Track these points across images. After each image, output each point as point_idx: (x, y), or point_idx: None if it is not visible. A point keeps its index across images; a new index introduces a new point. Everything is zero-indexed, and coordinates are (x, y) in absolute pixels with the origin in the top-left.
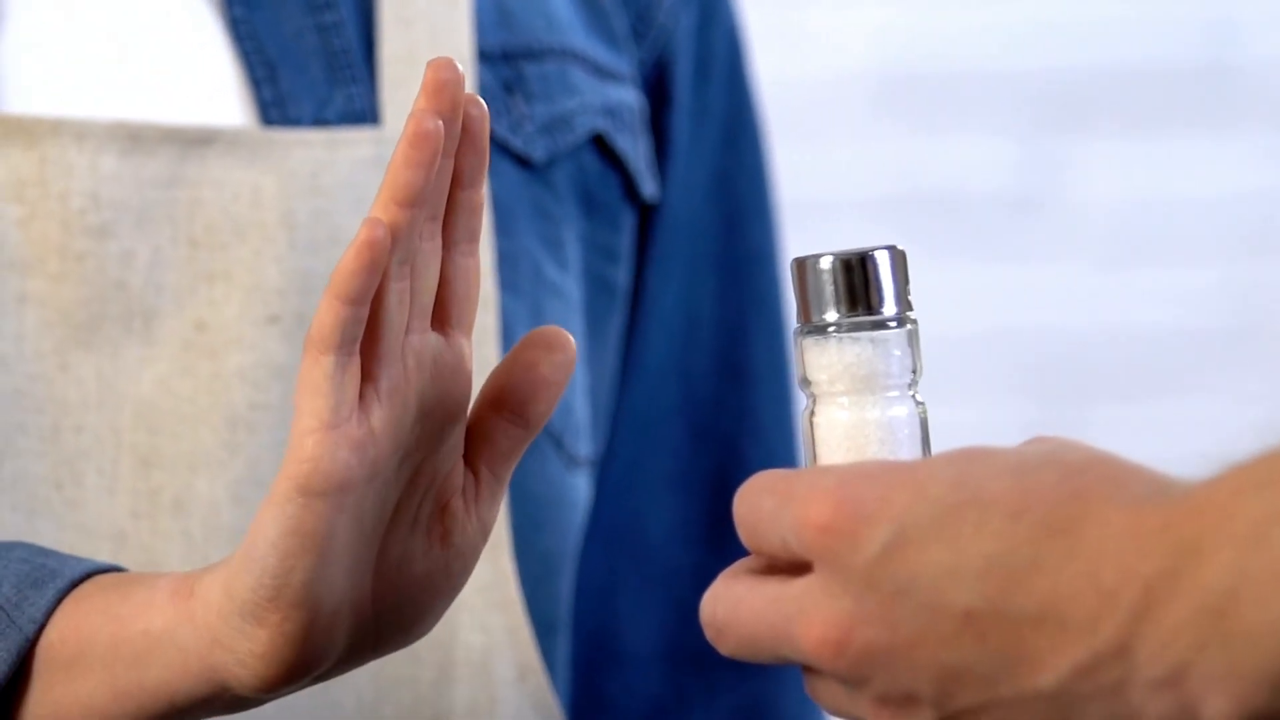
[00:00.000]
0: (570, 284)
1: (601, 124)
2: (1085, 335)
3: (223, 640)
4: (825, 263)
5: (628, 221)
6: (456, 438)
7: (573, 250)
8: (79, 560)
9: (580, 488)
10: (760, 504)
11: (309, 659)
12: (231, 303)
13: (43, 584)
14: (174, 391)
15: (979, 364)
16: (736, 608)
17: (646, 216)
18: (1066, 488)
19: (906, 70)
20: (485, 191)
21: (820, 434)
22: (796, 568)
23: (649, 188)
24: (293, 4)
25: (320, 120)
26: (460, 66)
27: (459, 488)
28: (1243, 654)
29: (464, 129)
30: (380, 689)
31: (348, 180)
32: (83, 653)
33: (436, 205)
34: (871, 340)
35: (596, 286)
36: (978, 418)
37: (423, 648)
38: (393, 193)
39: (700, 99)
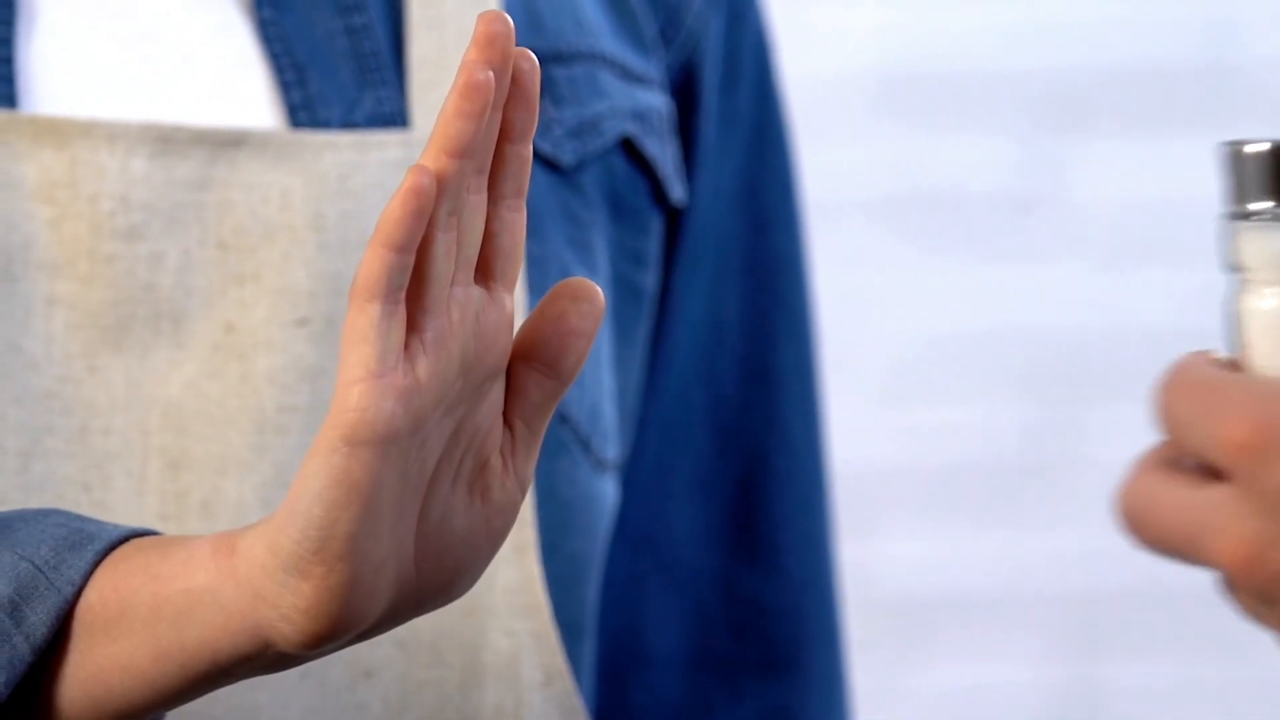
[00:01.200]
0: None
1: (630, 128)
2: (1085, 335)
3: (266, 595)
4: (1259, 148)
5: (656, 226)
6: (497, 393)
7: (601, 255)
8: (116, 525)
9: (608, 492)
10: (1181, 406)
11: (353, 614)
12: (260, 305)
13: (80, 546)
14: (202, 394)
15: (979, 364)
16: (1151, 504)
17: (674, 221)
18: None
19: (906, 70)
20: (532, 147)
21: (1245, 323)
22: (1211, 470)
23: (677, 192)
24: (322, 6)
25: (349, 123)
26: (509, 20)
27: (498, 443)
28: None
29: (514, 82)
30: (406, 692)
31: (376, 182)
32: (122, 613)
33: (484, 157)
34: None
35: (624, 291)
36: (978, 418)
37: (448, 650)
38: (443, 143)
39: (728, 103)
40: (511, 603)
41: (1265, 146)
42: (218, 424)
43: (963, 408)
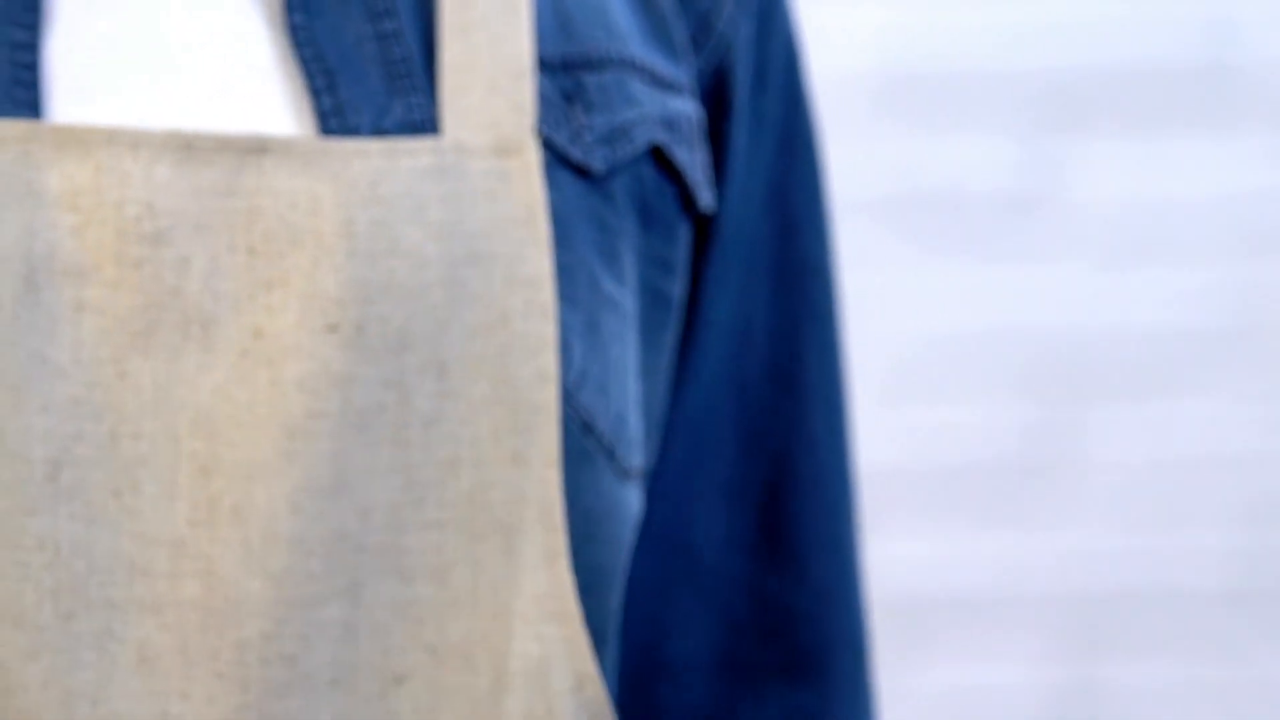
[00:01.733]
0: (626, 296)
1: (660, 135)
2: (1085, 335)
3: None
4: None
5: (684, 234)
6: None
7: (629, 262)
8: None
9: (632, 500)
10: None
11: None
12: (289, 311)
13: None
14: (232, 399)
15: (979, 364)
16: None
17: (702, 228)
18: None
19: (907, 70)
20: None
21: None
22: None
23: (706, 199)
24: (353, 12)
25: (379, 129)
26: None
27: None
28: None
29: None
30: (437, 698)
31: (406, 190)
32: None
33: None
34: None
35: (652, 299)
36: (978, 418)
37: (479, 656)
38: None
39: (758, 108)
40: (541, 609)
41: None
42: (247, 429)
43: (963, 408)
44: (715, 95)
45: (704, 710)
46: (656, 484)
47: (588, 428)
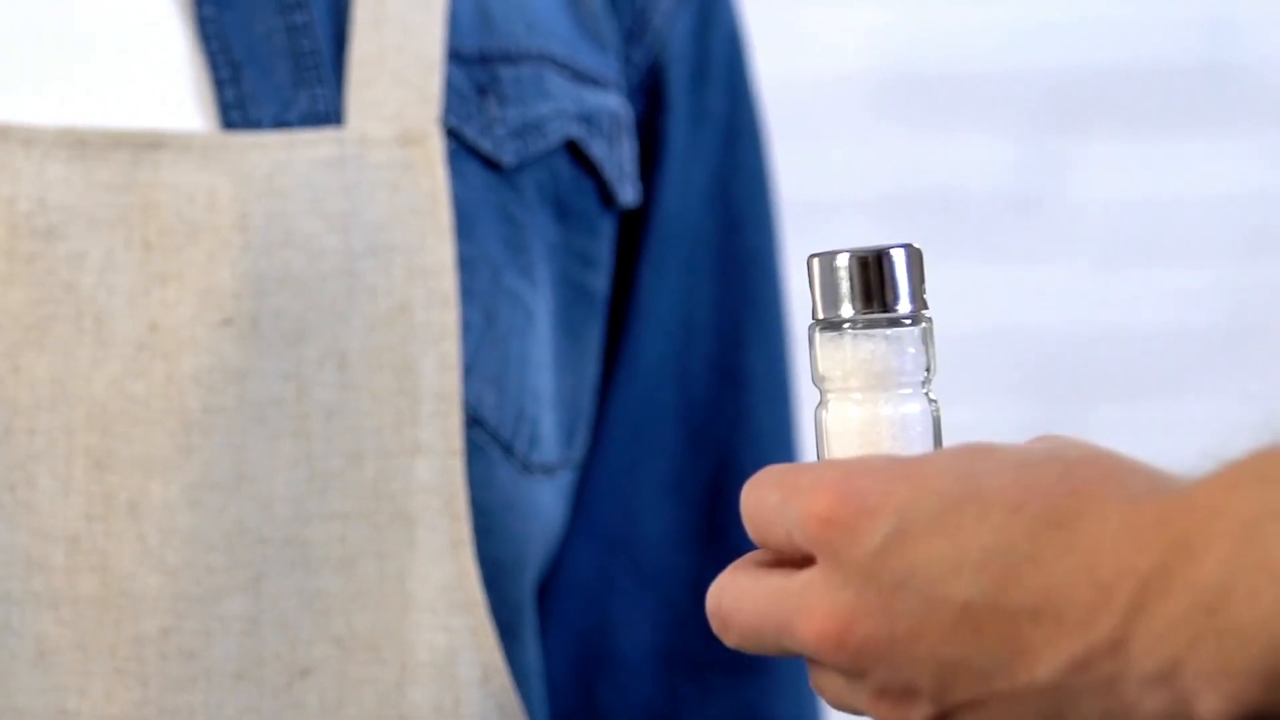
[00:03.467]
0: (531, 291)
1: (575, 130)
2: (1085, 335)
3: None
4: (841, 259)
5: (606, 228)
6: None
7: (539, 256)
8: None
9: (542, 497)
10: (765, 497)
11: None
12: (185, 305)
13: None
14: (127, 393)
15: (979, 364)
16: (740, 599)
17: (631, 222)
18: (1066, 483)
19: (906, 70)
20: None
21: (832, 429)
22: (801, 561)
23: (627, 195)
24: (264, 4)
25: (282, 122)
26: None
27: None
28: (1235, 650)
29: None
30: (344, 690)
31: (305, 181)
32: None
33: None
34: (886, 338)
35: (573, 293)
36: (977, 418)
37: (385, 647)
38: None
39: (698, 103)
40: (448, 600)
41: (847, 257)
42: (143, 424)
43: (963, 408)
44: (652, 89)
45: (649, 705)
46: (597, 479)
47: (476, 420)
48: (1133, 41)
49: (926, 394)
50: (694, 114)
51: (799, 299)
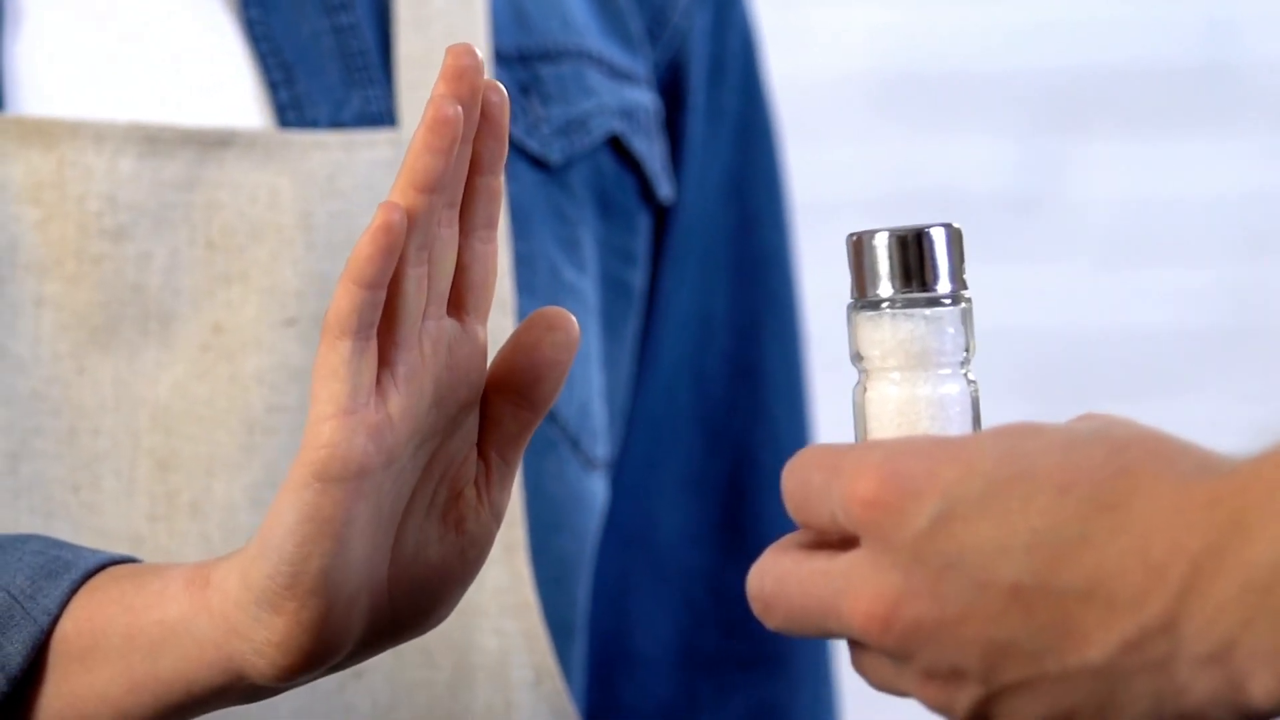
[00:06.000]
0: (587, 286)
1: (618, 126)
2: (1085, 335)
3: (239, 629)
4: (880, 238)
5: (644, 224)
6: (470, 425)
7: (589, 252)
8: (93, 552)
9: (597, 490)
10: (809, 478)
11: (326, 647)
12: (248, 305)
13: (57, 575)
14: (191, 394)
15: (979, 364)
16: (783, 581)
17: (662, 218)
18: (1115, 463)
19: (906, 70)
20: (503, 179)
21: (871, 410)
22: (844, 542)
23: (664, 189)
24: (309, 6)
25: (337, 122)
26: (479, 52)
27: (472, 474)
28: None
29: (483, 115)
30: (396, 692)
31: (365, 182)
32: (97, 643)
33: (455, 191)
34: (925, 318)
35: (613, 289)
36: None
37: (438, 651)
38: (411, 178)
39: (714, 100)
40: (501, 602)
41: (886, 236)
42: (206, 424)
43: None
44: (671, 87)
45: (668, 703)
46: (619, 476)
47: (551, 417)
48: (1133, 41)
49: (965, 374)
50: (711, 112)
51: (812, 296)
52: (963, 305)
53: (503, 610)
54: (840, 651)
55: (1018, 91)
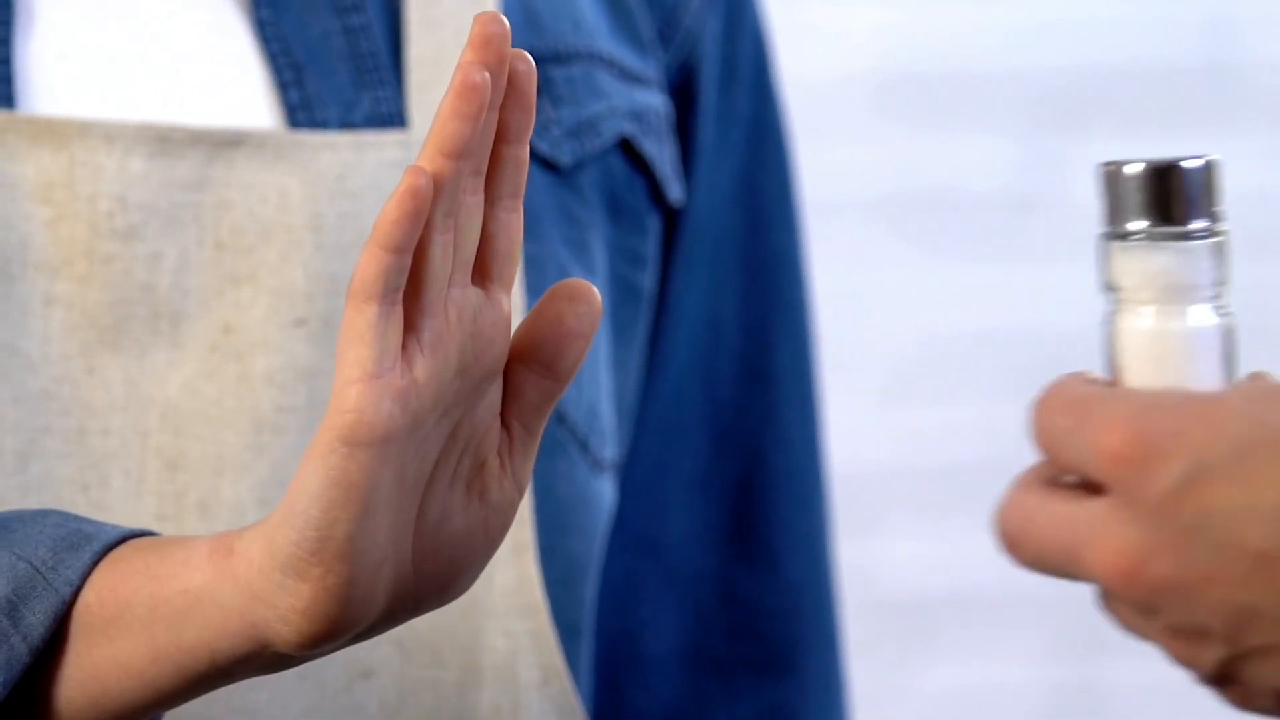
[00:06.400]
0: (596, 288)
1: (628, 128)
2: (1085, 335)
3: (264, 596)
4: (1135, 169)
5: (653, 226)
6: (494, 393)
7: (599, 254)
8: (115, 525)
9: (605, 492)
10: (1057, 421)
11: (351, 614)
12: (258, 305)
13: (79, 547)
14: (200, 394)
15: (979, 364)
16: (1030, 521)
17: (671, 221)
18: None
19: (906, 70)
20: (529, 149)
21: (1122, 342)
22: (1090, 485)
23: (674, 192)
24: (320, 6)
25: (347, 123)
26: (505, 21)
27: (495, 443)
28: None
29: (510, 83)
30: (403, 692)
31: (374, 183)
32: (120, 614)
33: (481, 159)
34: (1179, 250)
35: (622, 291)
36: (977, 418)
37: (446, 651)
38: (439, 144)
39: (726, 103)
40: (509, 603)
41: (1140, 167)
42: (215, 424)
43: (963, 408)
44: (683, 90)
45: (676, 705)
46: (628, 479)
47: (560, 418)
48: (1133, 41)
49: (1219, 308)
50: (722, 114)
51: (822, 299)
52: (1218, 239)
53: (511, 611)
54: (850, 655)
55: (1018, 91)
